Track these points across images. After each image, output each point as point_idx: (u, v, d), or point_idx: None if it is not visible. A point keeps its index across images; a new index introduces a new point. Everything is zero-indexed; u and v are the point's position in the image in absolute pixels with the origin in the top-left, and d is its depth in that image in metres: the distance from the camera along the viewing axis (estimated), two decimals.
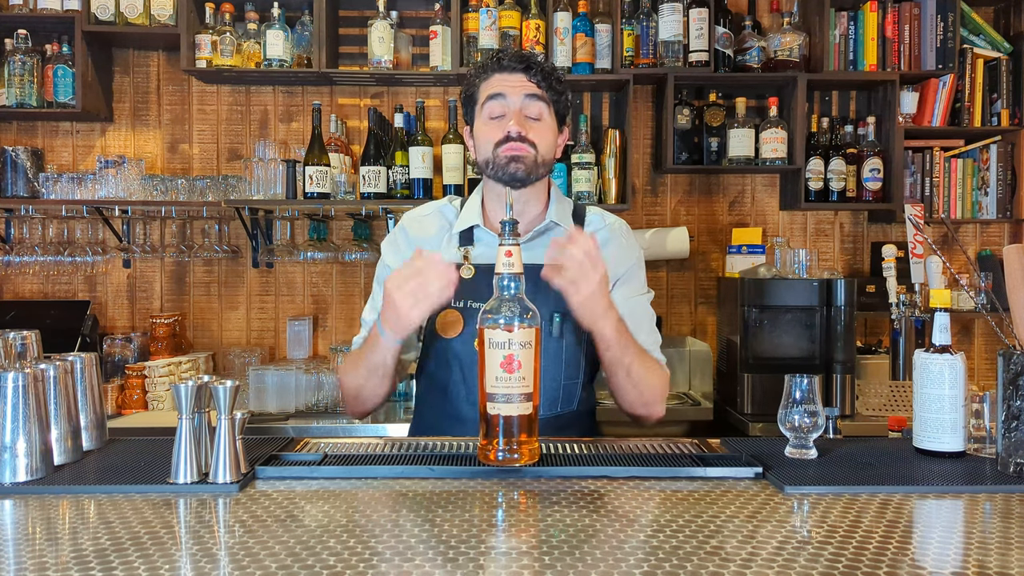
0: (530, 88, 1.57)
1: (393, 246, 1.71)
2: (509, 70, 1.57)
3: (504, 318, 1.21)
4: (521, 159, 1.55)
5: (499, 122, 1.57)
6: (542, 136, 1.58)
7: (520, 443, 1.23)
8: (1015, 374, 1.25)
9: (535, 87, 1.57)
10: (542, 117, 1.59)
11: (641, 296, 1.70)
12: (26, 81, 2.96)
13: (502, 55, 1.60)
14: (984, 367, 3.30)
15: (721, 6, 3.06)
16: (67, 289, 3.20)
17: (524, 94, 1.57)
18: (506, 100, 1.57)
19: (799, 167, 3.05)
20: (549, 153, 1.60)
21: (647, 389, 1.57)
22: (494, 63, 1.60)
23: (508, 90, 1.57)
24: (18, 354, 1.34)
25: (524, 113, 1.57)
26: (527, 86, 1.57)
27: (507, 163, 1.55)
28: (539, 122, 1.58)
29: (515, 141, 1.54)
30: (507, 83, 1.57)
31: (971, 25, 3.17)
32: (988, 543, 0.98)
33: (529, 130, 1.56)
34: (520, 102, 1.57)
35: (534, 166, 1.57)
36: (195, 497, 1.14)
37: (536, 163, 1.57)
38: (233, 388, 1.19)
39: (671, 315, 3.29)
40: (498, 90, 1.57)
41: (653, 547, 0.95)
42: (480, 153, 1.62)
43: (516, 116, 1.56)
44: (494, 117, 1.58)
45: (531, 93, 1.57)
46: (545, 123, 1.59)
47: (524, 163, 1.55)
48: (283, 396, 2.78)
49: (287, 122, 3.23)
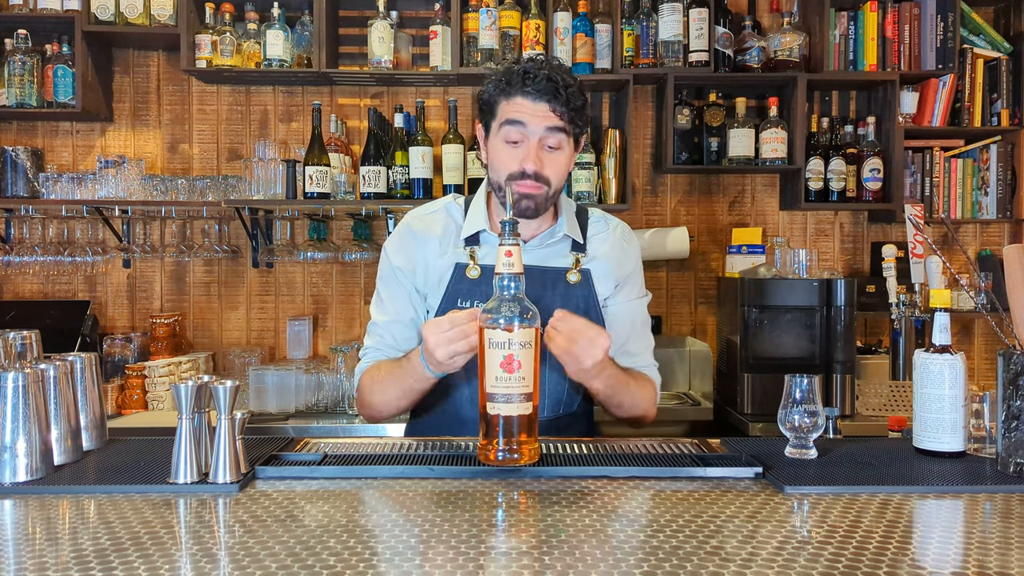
0: (552, 120, 1.50)
1: (400, 246, 1.66)
2: (534, 97, 1.49)
3: (504, 318, 1.21)
4: (532, 198, 1.52)
5: (515, 151, 1.51)
6: (557, 168, 1.53)
7: (520, 443, 1.23)
8: (1015, 374, 1.25)
9: (558, 119, 1.50)
10: (561, 147, 1.53)
11: (639, 300, 1.71)
12: (26, 81, 2.96)
13: (529, 75, 1.49)
14: (984, 367, 3.30)
15: (721, 6, 3.06)
16: (67, 289, 3.20)
17: (545, 127, 1.50)
18: (526, 129, 1.50)
19: (799, 167, 3.05)
20: (562, 183, 1.57)
21: (637, 410, 1.63)
22: (519, 82, 1.50)
23: (529, 119, 1.50)
24: (18, 354, 1.34)
25: (543, 144, 1.51)
26: (549, 117, 1.50)
27: (518, 200, 1.51)
28: (557, 153, 1.53)
29: (530, 179, 1.50)
30: (529, 111, 1.50)
31: (971, 25, 3.17)
32: (988, 543, 0.98)
33: (545, 164, 1.51)
34: (540, 133, 1.50)
35: (544, 202, 1.55)
36: (195, 497, 1.14)
37: (547, 199, 1.55)
38: (233, 388, 1.19)
39: (671, 315, 3.29)
40: (519, 117, 1.50)
41: (653, 547, 0.95)
42: (492, 173, 1.57)
43: (535, 151, 1.50)
44: (510, 142, 1.52)
45: (554, 126, 1.50)
46: (563, 152, 1.54)
47: (535, 202, 1.53)
48: (283, 396, 2.78)
49: (287, 122, 3.23)
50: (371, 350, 1.66)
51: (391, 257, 1.66)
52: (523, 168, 1.50)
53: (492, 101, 1.55)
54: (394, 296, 1.66)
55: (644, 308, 1.73)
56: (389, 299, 1.66)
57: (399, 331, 1.65)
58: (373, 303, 1.70)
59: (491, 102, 1.55)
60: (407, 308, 1.65)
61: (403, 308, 1.65)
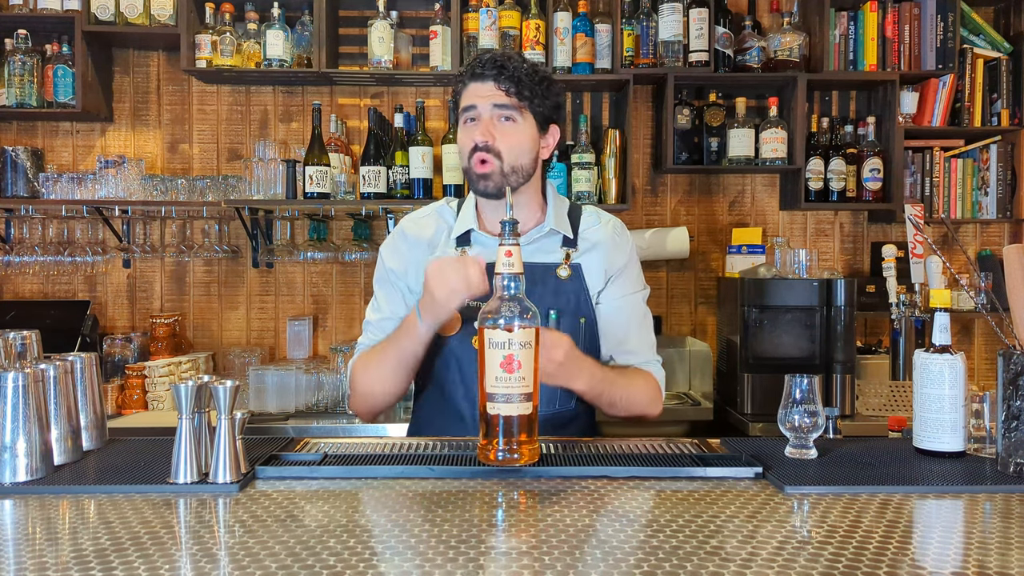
0: (499, 97, 1.55)
1: (393, 249, 1.71)
2: (480, 79, 1.57)
3: (504, 318, 1.21)
4: (488, 176, 1.55)
5: (471, 128, 1.58)
6: (511, 142, 1.56)
7: (520, 443, 1.23)
8: (1015, 374, 1.25)
9: (503, 95, 1.55)
10: (514, 120, 1.57)
11: (634, 294, 1.70)
12: (26, 81, 2.96)
13: (476, 63, 1.59)
14: (984, 367, 3.30)
15: (721, 6, 3.06)
16: (67, 289, 3.20)
17: (493, 103, 1.56)
18: (477, 111, 1.57)
19: (799, 167, 3.05)
20: (521, 158, 1.58)
21: (635, 407, 1.63)
22: (468, 71, 1.59)
23: (478, 100, 1.57)
24: (18, 354, 1.34)
25: (496, 119, 1.56)
26: (495, 94, 1.55)
27: (477, 179, 1.57)
28: (511, 124, 1.56)
29: (481, 151, 1.54)
30: (478, 93, 1.57)
31: (971, 25, 3.17)
32: (988, 543, 0.98)
33: (497, 137, 1.55)
34: (489, 111, 1.56)
35: (501, 178, 1.56)
36: (195, 497, 1.14)
37: (502, 173, 1.56)
38: (233, 388, 1.19)
39: (671, 315, 3.29)
40: (470, 101, 1.58)
41: (653, 547, 0.95)
42: (461, 160, 1.63)
43: (484, 125, 1.56)
44: (467, 124, 1.59)
45: (500, 103, 1.55)
46: (517, 127, 1.57)
47: (491, 179, 1.56)
48: (283, 396, 2.78)
49: (287, 122, 3.23)
50: (363, 345, 1.69)
51: (385, 260, 1.71)
52: (474, 142, 1.55)
53: (457, 98, 1.64)
54: (388, 296, 1.70)
55: (642, 303, 1.72)
56: (384, 299, 1.70)
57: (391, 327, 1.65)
58: (369, 305, 1.73)
59: (457, 97, 1.64)
60: (400, 307, 1.68)
61: (396, 307, 1.68)
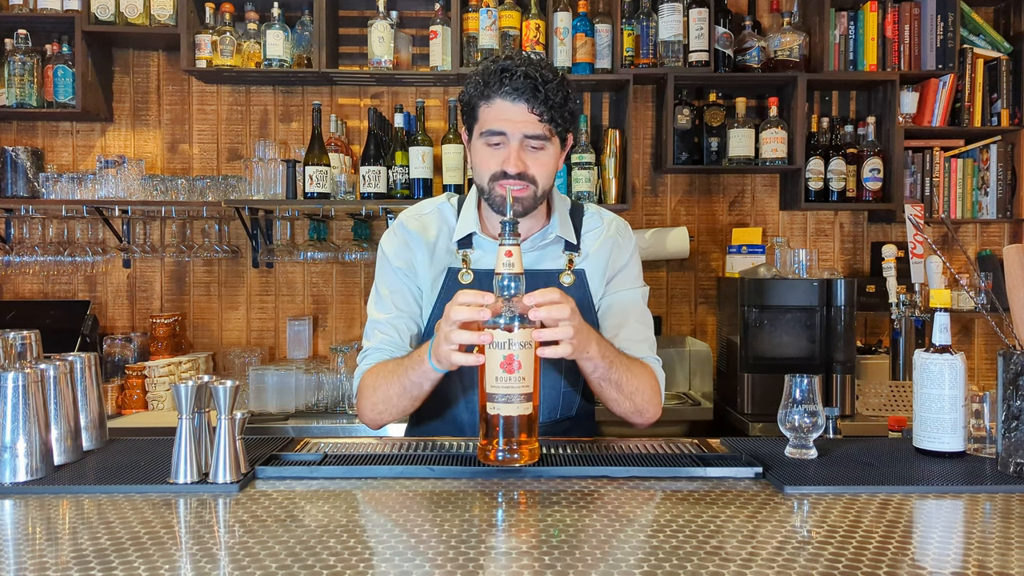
0: (531, 124, 1.45)
1: (395, 244, 1.63)
2: (511, 98, 1.44)
3: (504, 318, 1.21)
4: (519, 200, 1.47)
5: (496, 152, 1.48)
6: (543, 168, 1.48)
7: (520, 443, 1.23)
8: (1015, 374, 1.25)
9: (536, 121, 1.45)
10: (544, 147, 1.48)
11: (631, 290, 1.65)
12: (26, 81, 2.95)
13: (506, 74, 1.44)
14: (984, 367, 3.30)
15: (721, 6, 3.06)
16: (67, 289, 3.20)
17: (524, 133, 1.46)
18: (506, 137, 1.47)
19: (799, 167, 3.05)
20: (549, 181, 1.52)
21: (639, 397, 1.52)
22: (496, 83, 1.45)
23: (508, 125, 1.45)
24: (18, 354, 1.34)
25: (525, 146, 1.47)
26: (528, 120, 1.45)
27: (502, 202, 1.46)
28: (541, 152, 1.48)
29: (513, 179, 1.46)
30: (508, 115, 1.45)
31: (971, 25, 3.17)
32: (988, 543, 0.98)
33: (529, 164, 1.47)
34: (520, 139, 1.46)
35: (532, 202, 1.50)
36: (195, 497, 1.14)
37: (534, 198, 1.50)
38: (233, 388, 1.19)
39: (671, 315, 3.29)
40: (499, 127, 1.46)
41: (653, 547, 0.95)
42: (476, 176, 1.54)
43: (515, 154, 1.45)
44: (491, 145, 1.49)
45: (532, 134, 1.46)
46: (547, 153, 1.49)
47: (522, 203, 1.48)
48: (283, 396, 2.78)
49: (287, 122, 3.23)
50: (372, 351, 1.59)
51: (389, 257, 1.63)
52: (504, 169, 1.47)
53: (472, 104, 1.51)
54: (395, 291, 1.61)
55: (640, 299, 1.66)
56: (390, 294, 1.61)
57: (403, 324, 1.60)
58: (371, 302, 1.65)
59: (471, 105, 1.51)
60: (410, 303, 1.61)
61: (405, 302, 1.61)
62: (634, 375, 1.51)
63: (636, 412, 1.54)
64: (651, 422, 1.58)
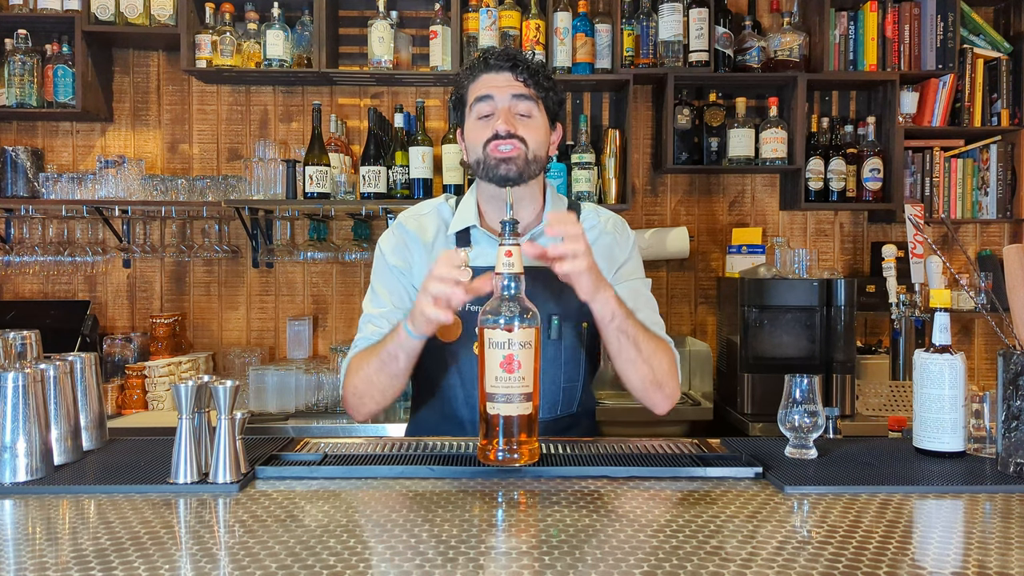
0: (517, 87, 1.55)
1: (394, 245, 1.65)
2: (496, 69, 1.56)
3: (504, 318, 1.21)
4: (512, 160, 1.53)
5: (488, 121, 1.55)
6: (532, 133, 1.55)
7: (520, 443, 1.23)
8: (1015, 374, 1.25)
9: (522, 85, 1.55)
10: (531, 114, 1.56)
11: (634, 280, 1.66)
12: (26, 81, 2.95)
13: (488, 55, 1.59)
14: (984, 367, 3.30)
15: (721, 6, 3.06)
16: (67, 289, 3.20)
17: (511, 93, 1.55)
18: (494, 100, 1.55)
19: (799, 167, 3.05)
20: (541, 150, 1.57)
21: (658, 364, 1.51)
22: (481, 63, 1.58)
23: (495, 90, 1.55)
24: (18, 354, 1.34)
25: (513, 111, 1.55)
26: (514, 85, 1.55)
27: (497, 164, 1.52)
28: (529, 119, 1.56)
29: (504, 139, 1.52)
30: (494, 83, 1.56)
31: (971, 25, 3.17)
32: (988, 543, 0.98)
33: (519, 127, 1.54)
34: (508, 101, 1.55)
35: (525, 164, 1.54)
36: (195, 497, 1.14)
37: (527, 160, 1.54)
38: (233, 388, 1.19)
39: (671, 315, 3.29)
40: (485, 91, 1.56)
41: (653, 547, 0.95)
42: (471, 154, 1.60)
43: (504, 114, 1.54)
44: (482, 117, 1.56)
45: (519, 93, 1.55)
46: (535, 120, 1.57)
47: (515, 163, 1.53)
48: (283, 396, 2.78)
49: (287, 122, 3.23)
50: (361, 340, 1.61)
51: (387, 257, 1.65)
52: (495, 130, 1.53)
53: (462, 91, 1.62)
54: (391, 289, 1.64)
55: (644, 288, 1.67)
56: (386, 292, 1.64)
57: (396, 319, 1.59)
58: (367, 299, 1.67)
59: (461, 91, 1.62)
60: (404, 300, 1.62)
61: (399, 299, 1.62)
62: (651, 338, 1.52)
63: (655, 384, 1.52)
64: (672, 401, 1.57)
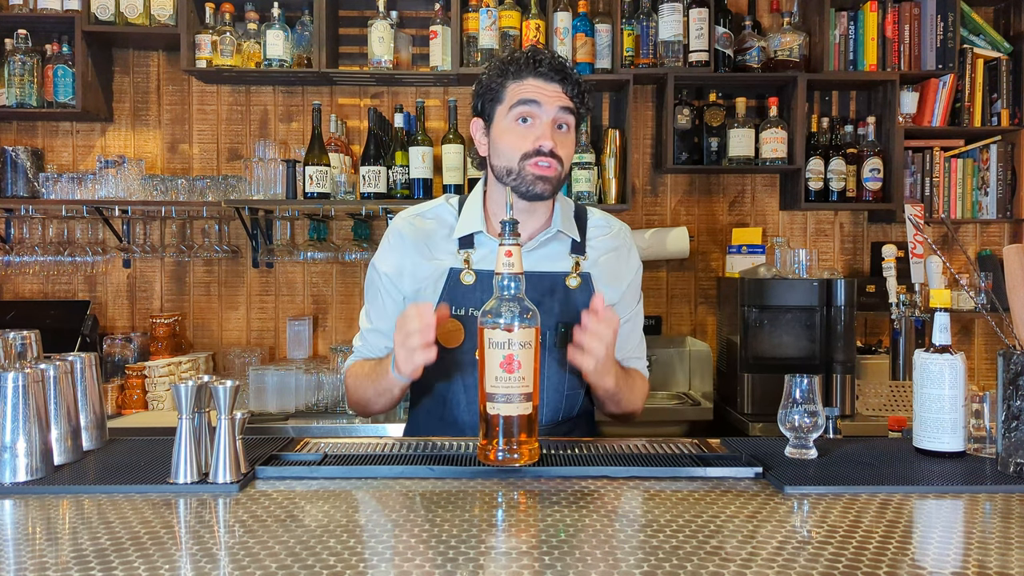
0: (564, 101, 1.52)
1: (387, 251, 1.65)
2: (546, 78, 1.51)
3: (504, 318, 1.21)
4: (548, 179, 1.51)
5: (528, 130, 1.51)
6: (568, 149, 1.54)
7: (520, 443, 1.23)
8: (1015, 374, 1.25)
9: (570, 101, 1.52)
10: (569, 128, 1.55)
11: (638, 304, 1.73)
12: (26, 81, 2.95)
13: (539, 58, 1.52)
14: (984, 367, 3.30)
15: (721, 6, 3.06)
16: (67, 289, 3.20)
17: (559, 106, 1.51)
18: (540, 109, 1.50)
19: (799, 167, 3.05)
20: (569, 166, 1.58)
21: (631, 405, 1.64)
22: (529, 65, 1.51)
23: (544, 99, 1.50)
24: (18, 354, 1.34)
25: (555, 124, 1.52)
26: (562, 98, 1.51)
27: (535, 181, 1.50)
28: (567, 133, 1.54)
29: (547, 157, 1.49)
30: (543, 91, 1.50)
31: (971, 25, 3.17)
32: (988, 543, 0.98)
33: (558, 144, 1.51)
34: (554, 113, 1.51)
35: (558, 183, 1.54)
36: (195, 497, 1.14)
37: (560, 180, 1.54)
38: (233, 388, 1.19)
39: (671, 315, 3.29)
40: (533, 96, 1.50)
41: (653, 547, 0.95)
42: (502, 158, 1.54)
43: (550, 129, 1.50)
44: (522, 122, 1.52)
45: (566, 107, 1.52)
46: (571, 136, 1.56)
47: (551, 182, 1.52)
48: (283, 396, 2.78)
49: (287, 122, 3.23)
50: (357, 350, 1.70)
51: (377, 264, 1.66)
52: (539, 146, 1.49)
53: (498, 87, 1.54)
54: (375, 305, 1.66)
55: (641, 312, 1.75)
56: (371, 308, 1.68)
57: (378, 340, 1.66)
58: (363, 309, 1.72)
59: (497, 88, 1.54)
60: (385, 319, 1.63)
61: (381, 318, 1.65)
62: (633, 392, 1.63)
63: (622, 414, 1.67)
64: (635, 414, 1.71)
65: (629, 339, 1.68)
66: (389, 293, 1.64)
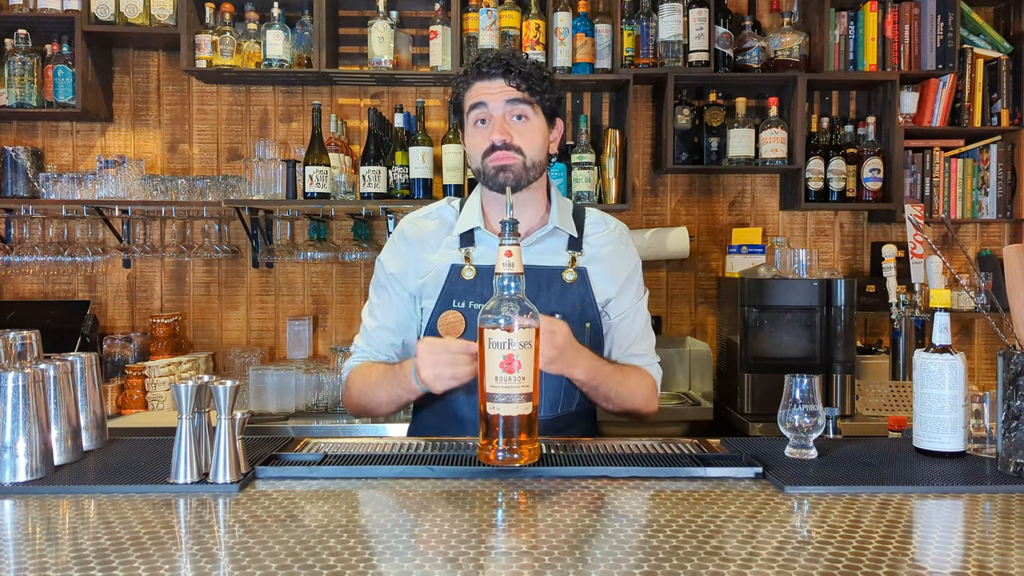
0: (510, 93, 1.55)
1: (393, 251, 1.71)
2: (488, 76, 1.56)
3: (504, 318, 1.21)
4: (509, 168, 1.55)
5: (483, 130, 1.57)
6: (529, 138, 1.57)
7: (520, 443, 1.23)
8: (1015, 374, 1.25)
9: (515, 91, 1.55)
10: (527, 117, 1.57)
11: (640, 301, 1.73)
12: (26, 81, 2.95)
13: (481, 61, 1.58)
14: (984, 367, 3.30)
15: (721, 6, 3.06)
16: (67, 289, 3.20)
17: (505, 100, 1.55)
18: (488, 108, 1.56)
19: (799, 167, 3.05)
20: (539, 155, 1.59)
21: (630, 404, 1.63)
22: (474, 70, 1.58)
23: (488, 97, 1.56)
24: (18, 354, 1.34)
25: (508, 117, 1.56)
26: (507, 91, 1.55)
27: (495, 173, 1.56)
28: (525, 122, 1.57)
29: (501, 150, 1.54)
30: (487, 90, 1.56)
31: (971, 25, 3.17)
32: (988, 543, 0.98)
33: (514, 135, 1.55)
34: (502, 108, 1.56)
35: (523, 172, 1.56)
36: (195, 497, 1.14)
37: (525, 168, 1.56)
38: (233, 388, 1.19)
39: (671, 315, 3.29)
40: (480, 98, 1.57)
41: (653, 547, 0.95)
42: (472, 162, 1.63)
43: (499, 124, 1.55)
44: (478, 124, 1.58)
45: (512, 98, 1.55)
46: (531, 123, 1.57)
47: (512, 171, 1.55)
48: (283, 396, 2.78)
49: (287, 122, 3.23)
50: (359, 350, 1.71)
51: (384, 263, 1.71)
52: (492, 142, 1.55)
53: (459, 98, 1.63)
54: (383, 302, 1.70)
55: (645, 308, 1.74)
56: (378, 305, 1.71)
57: (384, 337, 1.69)
58: (366, 306, 1.74)
59: (459, 100, 1.63)
60: (392, 315, 1.68)
61: (389, 315, 1.69)
62: (626, 387, 1.61)
63: (625, 414, 1.66)
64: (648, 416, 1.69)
65: (628, 335, 1.68)
66: (396, 291, 1.68)
